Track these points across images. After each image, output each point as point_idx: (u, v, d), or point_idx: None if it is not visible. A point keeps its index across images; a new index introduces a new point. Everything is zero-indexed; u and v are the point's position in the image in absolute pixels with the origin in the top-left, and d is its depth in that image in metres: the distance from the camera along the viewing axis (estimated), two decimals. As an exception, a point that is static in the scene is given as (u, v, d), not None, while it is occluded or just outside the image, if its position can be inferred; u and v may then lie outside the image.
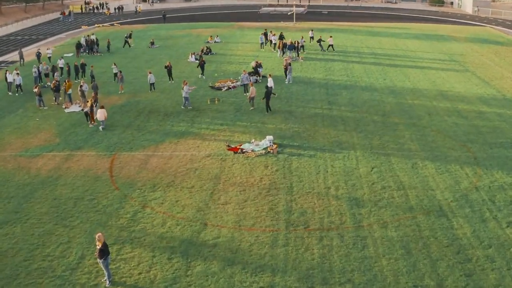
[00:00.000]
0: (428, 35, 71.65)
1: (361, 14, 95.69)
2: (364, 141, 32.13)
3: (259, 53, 59.62)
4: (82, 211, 24.43)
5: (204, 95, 42.87)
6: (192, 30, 77.52)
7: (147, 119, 37.19)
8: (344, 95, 42.22)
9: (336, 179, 26.95)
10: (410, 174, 27.60)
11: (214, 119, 36.81)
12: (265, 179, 27.05)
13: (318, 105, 39.60)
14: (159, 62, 55.38)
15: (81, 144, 32.85)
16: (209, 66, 53.07)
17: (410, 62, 54.57)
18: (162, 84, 46.59)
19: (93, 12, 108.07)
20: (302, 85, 45.38)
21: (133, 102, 41.32)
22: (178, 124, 35.92)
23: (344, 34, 70.54)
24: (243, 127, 34.91)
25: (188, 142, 32.61)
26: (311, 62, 54.58)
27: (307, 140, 32.28)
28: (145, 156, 30.65)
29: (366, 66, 52.63)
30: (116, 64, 48.90)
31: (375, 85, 45.30)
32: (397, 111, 38.12)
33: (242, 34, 72.87)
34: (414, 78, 47.80)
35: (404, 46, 63.53)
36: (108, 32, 77.98)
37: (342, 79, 47.40)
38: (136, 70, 52.41)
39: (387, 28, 77.43)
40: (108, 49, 62.01)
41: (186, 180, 27.23)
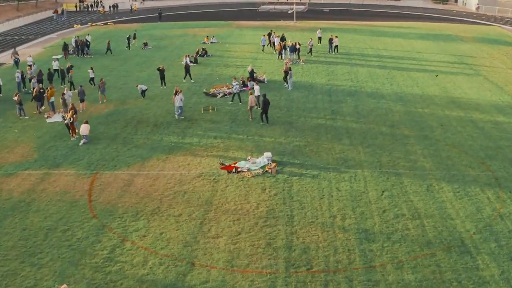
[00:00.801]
0: (435, 35, 68.47)
1: (363, 12, 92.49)
2: (372, 158, 29.02)
3: (259, 55, 56.34)
4: (54, 245, 21.38)
5: (197, 102, 39.76)
6: (188, 29, 74.36)
7: (135, 131, 34.09)
8: (349, 102, 39.10)
9: (343, 206, 23.86)
10: (425, 198, 24.51)
11: (207, 131, 33.70)
12: (262, 206, 23.96)
13: (321, 114, 36.48)
14: (151, 65, 52.23)
15: (60, 160, 29.77)
16: (204, 70, 49.98)
17: (417, 65, 51.43)
18: (153, 89, 43.48)
19: (88, 10, 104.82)
20: (303, 91, 42.25)
21: (121, 111, 38.22)
22: (168, 137, 32.83)
23: (346, 34, 67.37)
24: (238, 141, 31.81)
25: (177, 158, 29.50)
26: (312, 65, 51.44)
27: (309, 157, 29.17)
28: (129, 175, 27.56)
29: (371, 69, 49.49)
30: (93, 69, 45.62)
31: (382, 91, 42.17)
32: (407, 121, 35.02)
33: (240, 34, 69.71)
34: (423, 83, 44.67)
35: (410, 47, 60.38)
36: (102, 31, 74.84)
37: (346, 84, 44.27)
38: (127, 74, 49.29)
39: (392, 28, 74.26)
40: (109, 51, 58.33)
41: (173, 206, 24.14)
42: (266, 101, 34.03)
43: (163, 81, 44.26)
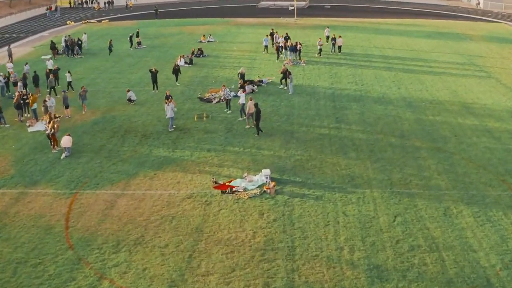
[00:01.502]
0: (441, 33, 65.54)
1: (365, 9, 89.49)
2: (382, 175, 26.25)
3: (258, 55, 53.46)
4: (22, 283, 18.63)
5: (191, 109, 36.96)
6: (184, 27, 71.44)
7: (122, 142, 31.32)
8: (354, 109, 36.28)
9: (350, 235, 21.11)
10: (443, 225, 21.76)
11: (200, 142, 30.92)
12: (260, 234, 21.22)
13: (324, 122, 33.69)
14: (144, 66, 49.41)
15: (39, 177, 27.05)
16: (199, 71, 47.15)
17: (425, 66, 48.58)
18: (145, 93, 40.68)
19: (82, 6, 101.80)
20: (304, 96, 39.44)
21: (108, 118, 35.44)
22: (157, 149, 30.05)
23: (349, 32, 64.46)
24: (234, 154, 29.03)
25: (166, 175, 26.74)
26: (314, 66, 48.60)
27: (312, 174, 26.40)
28: (113, 196, 24.81)
29: (377, 71, 46.64)
30: (70, 72, 42.71)
31: (389, 96, 39.36)
32: (418, 131, 32.24)
33: (238, 32, 66.80)
34: (432, 87, 41.84)
35: (416, 46, 57.49)
36: (96, 29, 71.91)
37: (351, 88, 41.44)
38: (118, 76, 46.46)
39: (396, 25, 71.33)
40: (110, 51, 55.27)
41: (159, 235, 21.40)
42: (258, 111, 31.18)
43: (155, 84, 41.47)
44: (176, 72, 43.28)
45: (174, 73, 43.33)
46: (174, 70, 43.41)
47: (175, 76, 43.29)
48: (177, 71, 43.29)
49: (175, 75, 43.25)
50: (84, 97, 36.08)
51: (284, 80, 41.61)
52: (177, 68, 43.40)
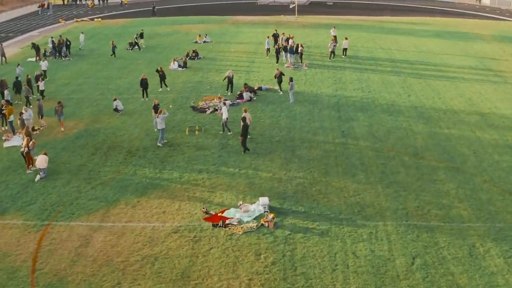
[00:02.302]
0: (450, 32, 62.22)
1: (369, 6, 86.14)
2: (396, 203, 23.08)
3: (256, 58, 50.21)
4: None
5: (182, 120, 33.77)
6: (180, 26, 68.15)
7: (104, 160, 28.16)
8: (361, 120, 33.08)
9: (362, 283, 17.97)
10: (469, 269, 18.65)
11: (191, 161, 27.75)
12: (256, 283, 18.08)
13: (329, 137, 30.50)
14: (134, 70, 46.21)
15: (8, 204, 23.97)
16: (194, 76, 43.93)
17: (435, 70, 45.32)
18: (133, 102, 37.51)
19: (76, 3, 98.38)
20: (307, 105, 36.22)
21: (91, 131, 32.25)
22: (142, 170, 26.88)
23: (353, 32, 61.14)
24: (228, 177, 25.86)
25: (151, 203, 23.59)
26: (317, 70, 45.36)
27: (316, 202, 23.23)
28: (88, 229, 21.67)
29: (384, 76, 43.39)
30: (43, 79, 39.42)
31: (399, 104, 36.13)
32: (432, 147, 29.05)
33: (236, 31, 63.49)
34: (445, 94, 38.60)
35: (424, 47, 54.20)
36: (87, 28, 68.55)
37: (357, 95, 38.20)
38: (105, 81, 43.24)
39: (402, 24, 67.99)
40: (113, 54, 51.71)
41: (138, 282, 18.29)
42: (244, 126, 27.93)
43: (145, 92, 38.23)
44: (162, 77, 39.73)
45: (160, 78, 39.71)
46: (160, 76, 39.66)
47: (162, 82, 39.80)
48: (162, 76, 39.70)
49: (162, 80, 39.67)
50: (61, 113, 32.59)
51: (279, 84, 38.51)
52: (162, 73, 39.75)
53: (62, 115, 32.46)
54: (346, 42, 48.94)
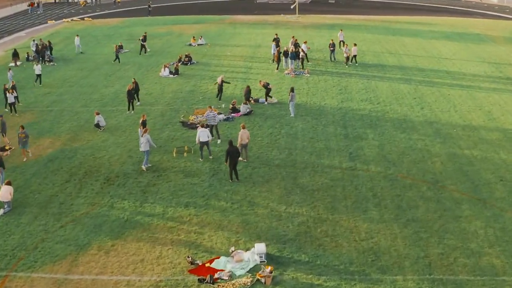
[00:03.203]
0: (460, 34, 58.53)
1: (373, 4, 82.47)
2: (416, 249, 19.53)
3: (254, 63, 46.55)
4: None
5: (170, 138, 30.15)
6: (174, 26, 64.48)
7: (79, 189, 24.58)
8: (371, 139, 29.44)
9: None
10: None
11: (177, 191, 24.15)
12: None
13: (335, 160, 26.87)
14: (122, 77, 42.60)
15: (-40, 247, 20.26)
16: (186, 84, 40.30)
17: (448, 77, 41.68)
18: (118, 115, 33.94)
19: (67, 1, 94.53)
20: (309, 119, 32.59)
21: (68, 152, 28.65)
22: (121, 202, 23.29)
23: (358, 33, 57.48)
24: (219, 212, 22.25)
25: (128, 247, 20.00)
26: (320, 77, 41.72)
27: (322, 248, 19.65)
28: (52, 283, 18.07)
29: (393, 84, 39.74)
30: (15, 90, 35.35)
31: (411, 119, 32.51)
32: (453, 173, 25.45)
33: (233, 32, 59.80)
34: (461, 106, 34.97)
35: (434, 50, 50.52)
36: (76, 29, 64.91)
37: (365, 108, 34.55)
38: (90, 90, 39.62)
39: (408, 24, 64.29)
40: (117, 59, 47.45)
41: None
42: (233, 151, 24.26)
43: (131, 104, 34.59)
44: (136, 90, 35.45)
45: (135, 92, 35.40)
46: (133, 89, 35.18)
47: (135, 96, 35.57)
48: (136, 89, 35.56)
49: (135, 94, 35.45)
50: (25, 143, 28.04)
51: (266, 96, 35.04)
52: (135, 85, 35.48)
53: (26, 145, 28.39)
54: (355, 48, 44.78)
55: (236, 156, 24.34)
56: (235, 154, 24.24)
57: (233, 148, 24.28)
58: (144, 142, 26.10)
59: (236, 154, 24.33)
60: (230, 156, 24.15)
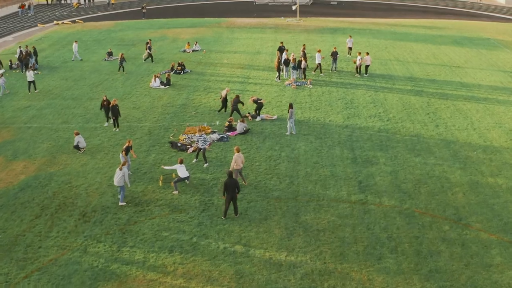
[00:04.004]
0: (469, 38, 55.29)
1: (376, 6, 79.27)
2: (443, 311, 16.23)
3: (252, 72, 43.33)
4: None
5: (157, 162, 26.91)
6: (169, 30, 61.22)
7: (50, 226, 21.40)
8: (382, 164, 26.19)
9: None
10: None
11: (161, 231, 20.91)
12: None
13: (342, 191, 23.62)
14: (109, 88, 39.42)
15: None
16: (178, 97, 37.07)
17: (462, 88, 38.47)
18: (101, 133, 30.75)
19: (60, 3, 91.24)
20: (313, 140, 29.33)
21: (42, 180, 25.43)
22: (96, 245, 20.07)
23: (362, 38, 54.23)
24: (209, 261, 19.00)
25: (99, 308, 16.69)
26: (323, 88, 38.49)
27: (330, 311, 16.35)
28: None
29: (403, 96, 36.50)
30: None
31: (426, 139, 29.27)
32: (477, 207, 22.26)
33: (231, 37, 56.53)
34: (479, 123, 31.76)
35: (445, 57, 47.27)
36: (66, 33, 61.72)
37: (374, 125, 31.31)
38: (73, 103, 36.41)
39: (415, 27, 61.04)
40: (122, 68, 43.64)
41: None
42: (232, 184, 21.03)
43: (116, 121, 31.36)
44: (106, 109, 31.66)
45: (104, 110, 31.95)
46: (103, 107, 31.83)
47: (106, 114, 32.04)
48: (107, 108, 31.55)
49: (105, 113, 31.95)
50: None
51: (257, 111, 31.84)
52: (106, 103, 31.60)
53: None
54: (368, 58, 41.08)
55: (235, 190, 21.09)
56: (233, 187, 21.01)
57: (232, 181, 21.05)
58: (120, 176, 22.85)
59: (235, 187, 21.09)
60: (228, 189, 20.92)
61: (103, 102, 31.56)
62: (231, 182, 20.99)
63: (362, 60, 40.66)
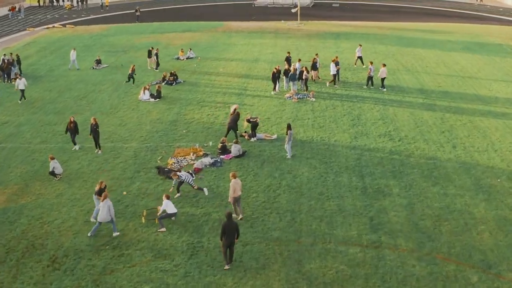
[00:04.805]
0: (480, 44, 52.29)
1: (379, 8, 76.33)
2: None
3: (249, 83, 40.30)
4: None
5: (142, 192, 23.90)
6: (162, 35, 58.19)
7: (13, 276, 18.42)
8: (396, 195, 23.14)
9: None
10: None
11: (141, 283, 17.79)
12: None
13: (352, 231, 20.58)
14: (95, 101, 36.43)
15: None
16: (168, 112, 34.08)
17: (478, 101, 35.49)
18: (82, 156, 27.72)
19: (52, 5, 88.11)
20: (317, 164, 26.26)
21: (11, 213, 22.46)
22: (65, 302, 16.94)
23: (367, 43, 51.18)
24: (197, 325, 15.91)
25: None
26: (327, 101, 35.48)
27: None
28: None
29: (415, 111, 33.48)
30: None
31: (443, 163, 26.28)
32: (507, 250, 19.49)
33: (228, 43, 53.48)
34: (500, 143, 28.78)
35: (456, 65, 44.26)
36: (55, 38, 58.71)
37: (384, 146, 28.24)
38: (55, 119, 33.50)
39: (422, 32, 58.04)
40: (132, 79, 40.22)
41: None
42: (232, 228, 17.95)
43: (96, 143, 28.30)
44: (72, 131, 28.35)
45: (70, 133, 28.51)
46: (68, 129, 28.46)
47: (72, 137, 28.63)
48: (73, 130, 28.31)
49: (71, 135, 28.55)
50: None
51: (253, 131, 28.76)
52: (73, 125, 28.27)
53: None
54: (384, 70, 37.33)
55: (234, 235, 18.04)
56: (233, 232, 17.95)
57: (232, 225, 18.00)
58: (105, 212, 19.83)
59: (235, 232, 18.04)
60: (227, 234, 17.88)
61: (70, 124, 28.28)
62: (230, 225, 17.97)
63: (378, 72, 37.46)
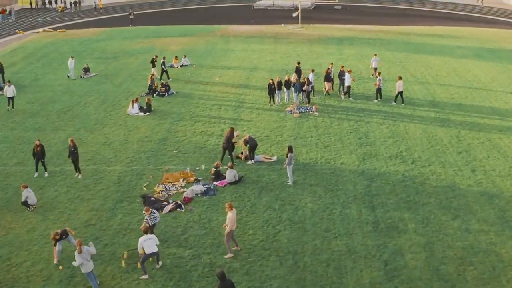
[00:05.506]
0: (492, 50, 49.45)
1: (384, 11, 73.56)
2: None
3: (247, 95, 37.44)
4: None
5: (123, 228, 21.10)
6: (157, 40, 55.34)
7: (-35, 338, 15.35)
8: (412, 232, 20.30)
9: None
10: None
11: None
12: None
13: (364, 279, 17.84)
14: (79, 115, 33.61)
15: None
16: (158, 127, 31.25)
17: (494, 117, 32.67)
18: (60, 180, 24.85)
19: (45, 7, 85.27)
20: (322, 194, 23.39)
21: (-29, 254, 19.44)
22: None
23: (373, 50, 48.32)
24: None
25: None
26: (331, 117, 32.61)
27: None
28: None
29: (428, 128, 30.61)
30: None
31: (462, 190, 23.40)
32: (548, 305, 16.23)
33: (225, 49, 50.62)
34: (524, 165, 25.78)
35: (468, 74, 41.39)
36: (44, 43, 55.87)
37: (397, 170, 25.34)
38: (34, 136, 30.59)
39: (430, 37, 55.18)
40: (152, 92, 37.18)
41: None
42: (226, 284, 15.12)
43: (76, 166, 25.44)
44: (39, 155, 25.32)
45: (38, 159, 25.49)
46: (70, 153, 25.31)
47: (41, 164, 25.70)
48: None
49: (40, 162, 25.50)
50: None
51: (251, 153, 25.80)
52: (40, 152, 25.25)
53: None
54: (401, 83, 33.92)
55: None
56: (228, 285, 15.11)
57: (227, 285, 15.06)
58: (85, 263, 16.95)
59: None
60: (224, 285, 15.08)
61: (36, 148, 25.30)
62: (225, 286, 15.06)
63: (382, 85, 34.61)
